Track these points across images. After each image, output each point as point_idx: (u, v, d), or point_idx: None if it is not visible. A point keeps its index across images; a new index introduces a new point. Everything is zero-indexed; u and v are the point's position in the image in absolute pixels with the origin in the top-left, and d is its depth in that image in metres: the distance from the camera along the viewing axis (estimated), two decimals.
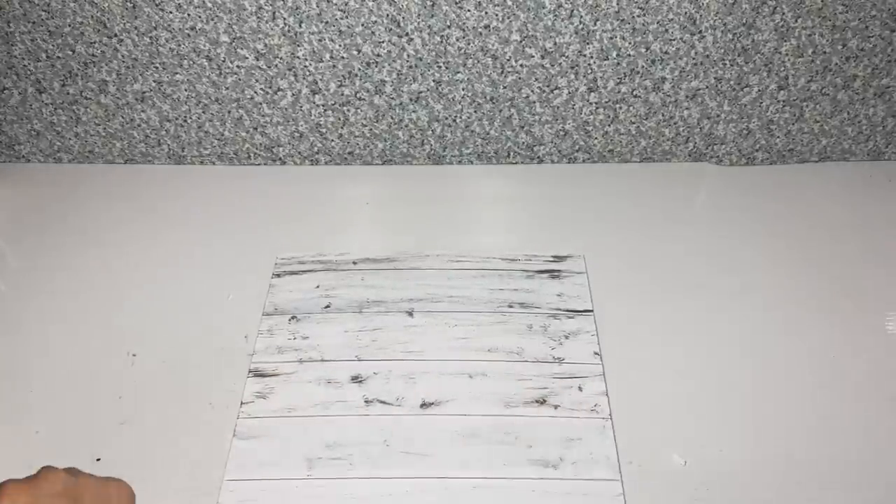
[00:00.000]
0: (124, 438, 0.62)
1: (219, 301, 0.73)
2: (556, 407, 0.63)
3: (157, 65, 0.77)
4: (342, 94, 0.79)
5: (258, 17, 0.72)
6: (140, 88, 0.79)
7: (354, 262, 0.75)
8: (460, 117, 0.81)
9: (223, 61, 0.76)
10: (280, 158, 0.87)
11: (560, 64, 0.76)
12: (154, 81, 0.78)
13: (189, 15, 0.72)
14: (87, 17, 0.72)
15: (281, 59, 0.75)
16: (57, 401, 0.65)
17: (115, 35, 0.74)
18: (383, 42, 0.74)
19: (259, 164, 0.88)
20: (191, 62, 0.76)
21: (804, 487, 0.58)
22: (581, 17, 0.71)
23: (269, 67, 0.76)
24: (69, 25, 0.73)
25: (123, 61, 0.76)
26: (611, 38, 0.73)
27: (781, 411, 0.63)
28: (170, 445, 0.61)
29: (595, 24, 0.72)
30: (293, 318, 0.71)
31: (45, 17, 0.73)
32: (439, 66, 0.76)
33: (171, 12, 0.72)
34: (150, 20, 0.72)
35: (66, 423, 0.64)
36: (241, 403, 0.64)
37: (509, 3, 0.70)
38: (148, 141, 0.85)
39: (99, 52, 0.75)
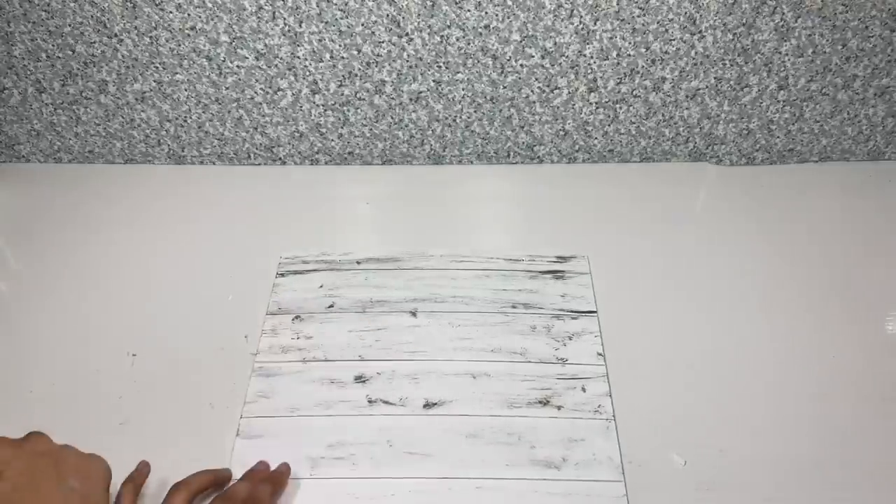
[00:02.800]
0: (124, 438, 0.62)
1: (221, 301, 0.72)
2: (559, 408, 0.63)
3: (157, 65, 0.76)
4: (342, 94, 0.79)
5: (258, 17, 0.72)
6: (140, 88, 0.79)
7: (358, 262, 0.75)
8: (460, 117, 0.81)
9: (223, 61, 0.76)
10: (280, 158, 0.87)
11: (560, 64, 0.76)
12: (154, 81, 0.78)
13: (189, 15, 0.72)
14: (87, 17, 0.72)
15: (281, 59, 0.75)
16: (57, 401, 0.65)
17: (115, 35, 0.74)
18: (383, 42, 0.74)
19: (259, 164, 0.88)
20: (191, 62, 0.76)
21: (804, 487, 0.58)
22: (581, 16, 0.71)
23: (269, 67, 0.76)
24: (69, 25, 0.73)
25: (123, 61, 0.76)
26: (611, 39, 0.73)
27: (781, 411, 0.63)
28: (171, 446, 0.60)
29: (595, 24, 0.72)
30: (297, 317, 0.70)
31: (45, 17, 0.72)
32: (439, 66, 0.76)
33: (171, 12, 0.71)
34: (150, 20, 0.72)
35: (66, 423, 0.63)
36: (244, 403, 0.64)
37: (509, 2, 0.70)
38: (148, 141, 0.85)
39: (99, 52, 0.75)
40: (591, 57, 0.75)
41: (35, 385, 0.66)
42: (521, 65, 0.76)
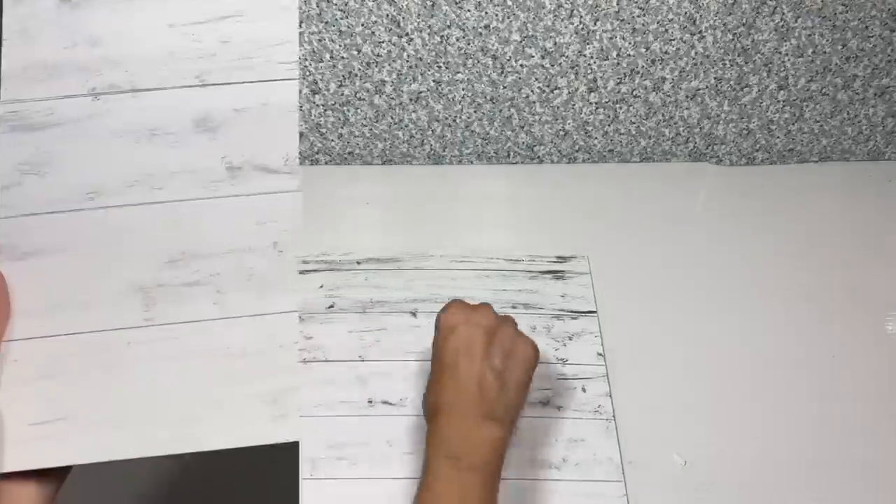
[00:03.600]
0: None
1: None
2: (559, 408, 0.63)
3: None
4: (342, 94, 0.79)
5: None
6: None
7: (358, 262, 0.75)
8: (460, 117, 0.81)
9: None
10: None
11: (560, 64, 0.76)
12: None
13: None
14: None
15: None
16: None
17: None
18: (383, 42, 0.74)
19: None
20: None
21: (804, 488, 0.59)
22: (581, 17, 0.71)
23: None
24: None
25: None
26: (611, 39, 0.73)
27: (782, 411, 0.63)
28: None
29: (595, 24, 0.72)
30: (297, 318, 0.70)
31: None
32: (439, 66, 0.76)
33: None
34: None
35: None
36: None
37: (509, 2, 0.70)
38: None
39: None
40: (591, 57, 0.75)
41: None
42: (521, 65, 0.76)
